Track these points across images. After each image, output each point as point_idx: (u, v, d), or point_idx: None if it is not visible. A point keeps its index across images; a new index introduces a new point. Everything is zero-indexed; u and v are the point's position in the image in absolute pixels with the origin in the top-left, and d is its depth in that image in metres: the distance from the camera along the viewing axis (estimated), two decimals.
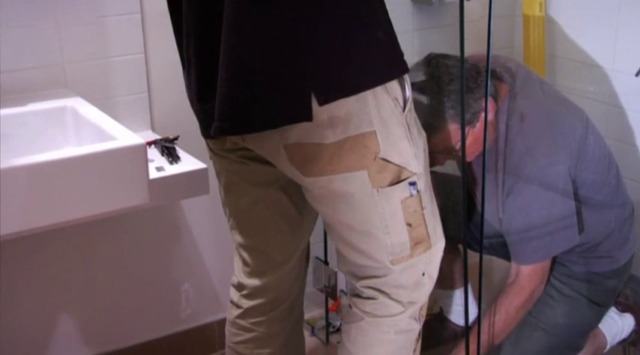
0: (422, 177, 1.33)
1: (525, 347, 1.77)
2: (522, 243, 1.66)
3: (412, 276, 1.37)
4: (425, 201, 1.34)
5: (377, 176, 1.28)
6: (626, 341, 1.98)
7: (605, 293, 1.84)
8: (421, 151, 1.33)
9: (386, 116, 1.26)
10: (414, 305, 1.39)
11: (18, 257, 1.88)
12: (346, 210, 1.32)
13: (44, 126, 1.69)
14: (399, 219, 1.32)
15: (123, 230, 1.98)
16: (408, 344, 1.42)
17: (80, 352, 2.02)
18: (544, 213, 1.64)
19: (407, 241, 1.33)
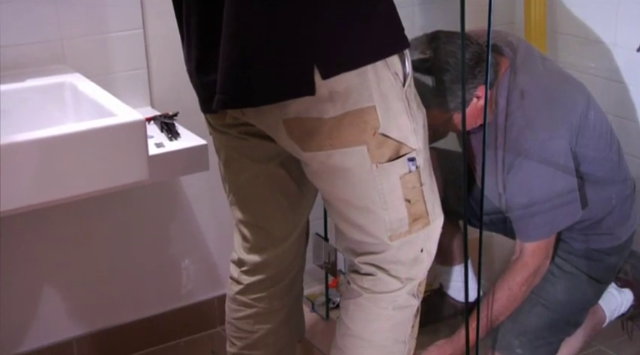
0: (421, 153, 1.32)
1: (525, 323, 1.77)
2: (525, 220, 1.66)
3: (410, 253, 1.37)
4: (424, 177, 1.34)
5: (376, 151, 1.28)
6: (625, 315, 1.99)
7: (606, 270, 1.84)
8: (420, 127, 1.33)
9: (386, 91, 1.26)
10: (412, 282, 1.40)
11: (17, 233, 1.88)
12: (345, 185, 1.32)
13: (43, 102, 1.69)
14: (398, 195, 1.32)
15: (122, 206, 1.98)
16: (406, 320, 1.43)
17: (80, 328, 2.03)
18: (546, 188, 1.64)
19: (405, 217, 1.33)
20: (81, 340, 2.02)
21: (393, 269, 1.38)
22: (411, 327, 1.44)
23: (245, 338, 1.59)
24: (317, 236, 1.99)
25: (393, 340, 1.42)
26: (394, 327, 1.42)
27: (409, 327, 1.43)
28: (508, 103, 1.64)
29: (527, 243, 1.68)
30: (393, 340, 1.42)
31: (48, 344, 1.99)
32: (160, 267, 2.09)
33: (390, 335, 1.42)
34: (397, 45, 1.28)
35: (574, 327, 1.83)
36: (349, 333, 1.44)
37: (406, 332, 1.43)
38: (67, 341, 2.01)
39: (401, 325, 1.43)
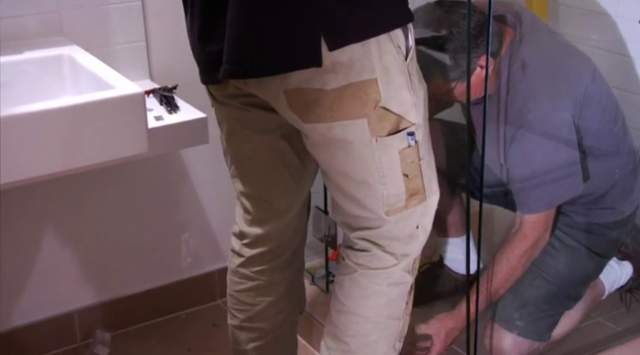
0: (421, 127, 1.32)
1: (525, 295, 1.78)
2: (526, 192, 1.66)
3: (406, 229, 1.37)
4: (422, 152, 1.33)
5: (377, 125, 1.28)
6: (624, 288, 2.00)
7: (608, 244, 1.84)
8: (421, 101, 1.32)
9: (388, 64, 1.25)
10: (407, 258, 1.40)
11: (17, 206, 1.88)
12: (344, 158, 1.32)
13: (41, 75, 1.68)
14: (397, 170, 1.32)
15: (122, 180, 1.98)
16: (400, 296, 1.43)
17: (81, 300, 2.03)
18: (547, 160, 1.63)
19: (403, 192, 1.33)
20: (82, 312, 2.03)
21: (388, 246, 1.38)
22: (405, 303, 1.44)
23: (246, 311, 1.59)
24: (317, 209, 1.99)
25: (387, 316, 1.43)
26: (389, 303, 1.42)
27: (403, 303, 1.44)
28: (512, 74, 1.63)
29: (527, 215, 1.68)
30: (387, 316, 1.43)
31: (49, 317, 2.00)
32: (160, 240, 2.10)
33: (385, 311, 1.43)
34: (402, 18, 1.27)
35: (574, 301, 1.84)
36: (344, 309, 1.44)
37: (400, 309, 1.44)
38: (68, 314, 2.02)
39: (395, 301, 1.43)
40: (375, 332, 1.43)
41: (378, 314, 1.42)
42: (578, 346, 1.86)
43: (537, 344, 1.79)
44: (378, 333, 1.43)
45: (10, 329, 1.95)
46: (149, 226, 2.06)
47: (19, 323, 1.97)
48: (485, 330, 1.79)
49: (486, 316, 1.85)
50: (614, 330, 1.94)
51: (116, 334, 2.06)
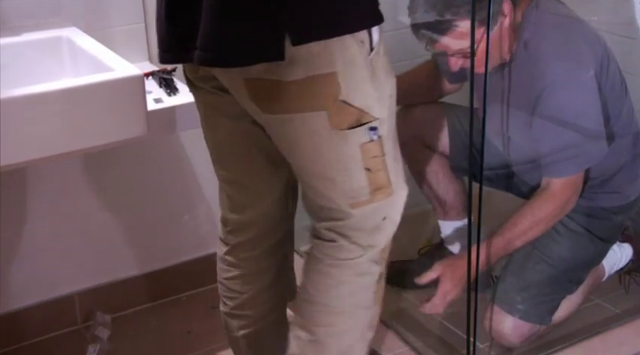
0: (385, 122, 1.30)
1: (527, 279, 1.78)
2: (554, 155, 1.63)
3: (372, 221, 1.36)
4: (387, 147, 1.32)
5: (336, 118, 1.26)
6: (623, 270, 2.00)
7: (611, 229, 1.84)
8: (387, 96, 1.30)
9: (349, 58, 1.23)
10: (373, 249, 1.38)
11: (16, 189, 1.88)
12: (304, 150, 1.31)
13: (40, 57, 1.67)
14: (358, 164, 1.30)
15: (122, 162, 1.98)
16: (368, 286, 1.41)
17: (81, 282, 2.04)
18: (575, 119, 1.61)
19: (366, 186, 1.32)
20: (82, 294, 2.04)
21: (354, 236, 1.37)
22: (373, 293, 1.42)
23: (235, 298, 1.59)
24: None
25: (355, 306, 1.42)
26: (356, 293, 1.41)
27: (371, 293, 1.42)
28: (532, 36, 1.61)
29: (555, 179, 1.66)
30: (354, 306, 1.42)
31: (49, 299, 2.00)
32: (161, 222, 2.10)
33: (352, 300, 1.41)
34: (370, 19, 1.26)
35: (576, 285, 1.84)
36: (311, 299, 1.43)
37: (368, 298, 1.42)
38: (68, 296, 2.02)
39: (363, 291, 1.41)
40: (343, 321, 1.42)
41: (345, 304, 1.41)
42: (577, 328, 1.87)
43: (538, 327, 1.79)
44: (346, 323, 1.42)
45: (10, 311, 1.96)
46: (149, 208, 2.06)
47: (20, 306, 1.97)
48: (485, 312, 1.80)
49: (485, 297, 1.86)
50: (613, 312, 1.95)
51: (116, 316, 2.06)
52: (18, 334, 1.97)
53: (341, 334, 1.43)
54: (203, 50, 1.25)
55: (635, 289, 2.02)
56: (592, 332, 1.85)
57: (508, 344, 1.79)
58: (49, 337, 2.00)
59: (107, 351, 1.93)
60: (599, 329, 1.86)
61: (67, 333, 2.02)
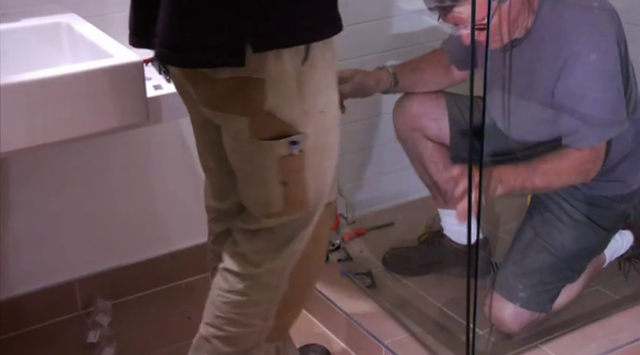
0: (310, 138, 1.27)
1: (530, 268, 1.78)
2: (576, 125, 1.62)
3: (282, 236, 1.35)
4: (308, 163, 1.29)
5: (257, 126, 1.25)
6: (623, 256, 2.00)
7: (614, 218, 1.84)
8: (316, 111, 1.27)
9: (280, 68, 1.21)
10: (280, 265, 1.38)
11: (16, 176, 1.88)
12: (230, 149, 1.32)
13: (39, 43, 1.66)
14: (274, 175, 1.29)
15: (122, 149, 1.98)
16: (267, 300, 1.40)
17: (82, 269, 2.04)
18: (598, 89, 1.60)
19: (280, 199, 1.30)
20: (82, 281, 2.04)
21: (258, 249, 1.37)
22: (269, 306, 1.41)
23: None
24: None
25: (246, 315, 1.41)
26: (249, 304, 1.41)
27: (267, 306, 1.41)
28: (551, 9, 1.60)
29: (580, 149, 1.63)
30: (245, 315, 1.41)
31: (50, 285, 2.01)
32: (161, 209, 2.10)
33: (244, 310, 1.41)
34: (331, 28, 1.24)
35: (577, 274, 1.84)
36: (210, 295, 1.44)
37: (264, 311, 1.41)
38: (68, 282, 2.03)
39: (259, 304, 1.41)
40: (231, 328, 1.42)
41: (238, 313, 1.41)
42: (576, 314, 1.88)
43: (538, 314, 1.80)
44: (235, 330, 1.42)
45: (11, 296, 1.96)
46: (150, 195, 2.06)
47: (21, 291, 1.97)
48: (485, 299, 1.80)
49: (486, 285, 1.86)
50: (613, 298, 1.96)
51: (117, 302, 2.07)
52: (19, 320, 1.98)
53: (229, 339, 1.42)
54: (164, 47, 1.25)
55: (635, 276, 2.02)
56: (591, 318, 1.85)
57: (508, 330, 1.80)
58: (50, 323, 2.01)
59: (108, 337, 1.94)
60: (599, 316, 1.86)
61: (68, 319, 2.03)
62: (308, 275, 1.45)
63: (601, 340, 1.79)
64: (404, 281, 2.05)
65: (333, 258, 2.10)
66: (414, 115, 1.94)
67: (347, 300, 1.94)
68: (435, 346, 1.77)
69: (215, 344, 1.43)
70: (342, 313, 1.91)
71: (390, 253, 2.10)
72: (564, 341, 1.79)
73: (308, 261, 1.41)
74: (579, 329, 1.82)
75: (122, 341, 1.93)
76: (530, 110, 1.71)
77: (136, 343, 1.93)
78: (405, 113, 1.95)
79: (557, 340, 1.79)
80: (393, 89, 1.91)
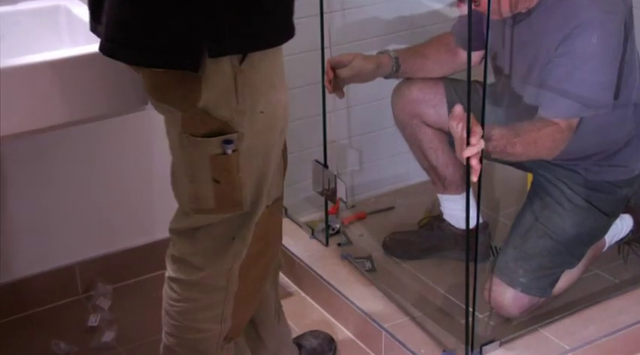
0: (245, 138, 1.26)
1: (530, 253, 1.78)
2: (555, 97, 1.61)
3: (217, 236, 1.34)
4: (243, 163, 1.28)
5: (190, 122, 1.24)
6: (623, 240, 2.01)
7: (616, 203, 1.83)
8: (255, 112, 1.26)
9: (217, 67, 1.20)
10: (221, 266, 1.37)
11: (15, 159, 1.88)
12: (168, 138, 1.32)
13: (37, 27, 1.65)
14: (206, 173, 1.28)
15: (121, 132, 1.97)
16: (215, 303, 1.40)
17: (82, 253, 2.04)
18: (596, 60, 1.59)
19: (211, 196, 1.29)
20: (83, 265, 2.04)
21: (199, 252, 1.36)
22: (222, 309, 1.41)
23: None
24: (316, 163, 1.99)
25: (201, 320, 1.41)
26: (201, 309, 1.40)
27: (221, 309, 1.40)
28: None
29: (551, 119, 1.61)
30: (200, 321, 1.41)
31: (50, 269, 2.01)
32: (161, 193, 2.09)
33: (198, 316, 1.40)
34: (284, 35, 1.24)
35: (577, 260, 1.84)
36: (165, 311, 1.44)
37: (219, 314, 1.41)
38: (69, 266, 2.03)
39: (210, 308, 1.40)
40: (190, 336, 1.42)
41: (191, 319, 1.40)
42: (576, 297, 1.88)
43: (537, 299, 1.80)
44: (195, 337, 1.41)
45: (12, 280, 1.97)
46: (150, 179, 2.06)
47: (21, 275, 1.98)
48: (485, 283, 1.80)
49: (486, 269, 1.86)
50: (612, 282, 1.96)
51: (117, 286, 2.07)
52: (20, 304, 1.98)
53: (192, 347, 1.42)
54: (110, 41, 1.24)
55: (634, 259, 2.02)
56: (591, 301, 1.86)
57: (507, 315, 1.80)
58: (50, 307, 2.01)
59: (108, 321, 1.95)
60: (598, 299, 1.87)
61: (69, 303, 2.03)
62: (259, 273, 1.44)
63: (600, 323, 1.79)
64: (404, 265, 2.05)
65: (333, 242, 2.10)
66: (413, 102, 1.93)
67: (347, 284, 1.94)
68: (435, 330, 1.77)
69: (179, 352, 1.44)
70: (341, 297, 1.91)
71: (390, 237, 2.11)
72: (564, 324, 1.79)
73: (258, 260, 1.40)
74: (579, 313, 1.82)
75: (123, 324, 1.94)
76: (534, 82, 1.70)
77: (136, 326, 1.94)
78: (403, 99, 1.95)
79: (557, 323, 1.79)
80: (394, 74, 1.90)
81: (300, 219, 2.20)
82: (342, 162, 2.27)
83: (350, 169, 2.32)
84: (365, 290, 1.92)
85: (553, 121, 1.61)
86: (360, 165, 2.36)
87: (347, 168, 2.30)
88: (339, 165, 2.12)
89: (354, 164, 2.35)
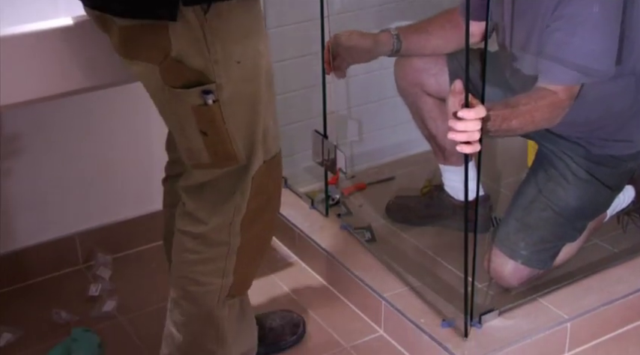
0: (225, 88, 1.26)
1: (532, 226, 1.77)
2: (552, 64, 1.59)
3: (217, 190, 1.36)
4: (228, 114, 1.28)
5: (167, 74, 1.25)
6: (623, 211, 2.01)
7: (620, 177, 1.82)
8: (231, 62, 1.25)
9: (186, 16, 1.20)
10: (222, 221, 1.38)
11: (19, 129, 1.87)
12: (153, 98, 1.32)
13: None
14: (192, 125, 1.29)
15: (121, 104, 1.97)
16: (218, 256, 1.42)
17: (82, 223, 2.05)
18: (596, 25, 1.57)
19: (203, 148, 1.30)
20: (83, 235, 2.05)
21: (204, 207, 1.37)
22: (224, 263, 1.43)
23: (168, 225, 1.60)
24: (316, 133, 1.99)
25: (202, 273, 1.43)
26: (203, 262, 1.42)
27: (223, 263, 1.42)
28: None
29: (551, 86, 1.59)
30: (201, 273, 1.43)
31: (50, 239, 2.01)
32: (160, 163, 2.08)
33: (199, 268, 1.43)
34: None
35: (579, 233, 1.84)
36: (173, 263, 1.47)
37: (220, 268, 1.43)
38: (69, 237, 2.03)
39: (212, 261, 1.42)
40: (192, 288, 1.44)
41: (194, 271, 1.43)
42: (575, 267, 1.89)
43: (537, 271, 1.80)
44: (196, 290, 1.44)
45: (13, 250, 1.97)
46: (150, 149, 2.05)
47: (22, 245, 1.98)
48: (485, 254, 1.81)
49: (485, 239, 1.87)
50: (611, 252, 1.97)
51: (117, 257, 2.08)
52: (20, 274, 1.99)
53: (193, 300, 1.44)
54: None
55: (633, 229, 2.02)
56: (590, 271, 1.86)
57: (507, 285, 1.81)
58: (51, 277, 2.02)
59: (109, 291, 1.96)
60: (597, 269, 1.87)
61: (69, 273, 2.04)
62: (262, 229, 1.45)
63: (599, 293, 1.80)
64: (403, 235, 2.06)
65: (333, 212, 2.10)
66: (414, 70, 1.92)
67: (346, 254, 1.95)
68: (434, 299, 1.78)
69: (183, 305, 1.46)
70: (341, 267, 1.92)
71: (393, 201, 2.11)
72: (563, 293, 1.80)
73: (258, 215, 1.42)
74: (577, 282, 1.83)
75: (123, 294, 1.95)
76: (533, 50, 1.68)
77: (136, 296, 1.95)
78: (405, 68, 1.93)
79: (556, 293, 1.80)
80: (396, 53, 1.88)
81: (300, 189, 2.20)
82: (342, 133, 2.27)
83: (350, 139, 2.32)
84: (364, 260, 1.93)
85: (551, 90, 1.60)
86: (360, 136, 2.35)
87: (347, 138, 2.30)
88: (338, 136, 2.11)
89: (354, 134, 2.34)
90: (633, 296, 1.80)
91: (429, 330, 1.70)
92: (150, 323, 1.84)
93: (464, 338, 1.67)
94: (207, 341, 1.48)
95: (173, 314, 1.49)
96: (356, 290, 1.88)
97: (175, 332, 1.49)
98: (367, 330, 1.83)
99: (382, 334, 1.82)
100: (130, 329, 1.85)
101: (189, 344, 1.48)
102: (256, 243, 1.46)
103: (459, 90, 1.47)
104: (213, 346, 1.49)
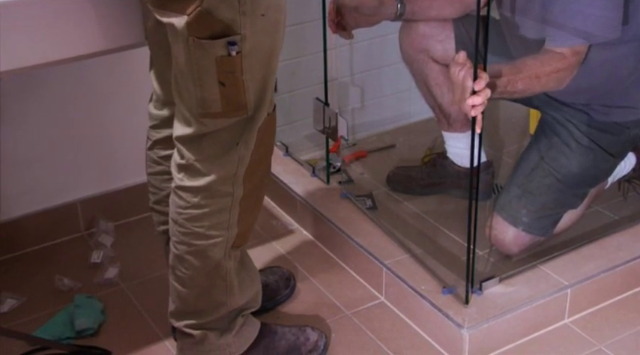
0: (248, 39, 1.28)
1: (534, 192, 1.77)
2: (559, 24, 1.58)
3: (221, 140, 1.37)
4: (247, 65, 1.30)
5: (195, 25, 1.26)
6: (624, 177, 2.01)
7: (623, 144, 1.81)
8: (256, 14, 1.27)
9: None
10: (224, 172, 1.39)
11: (16, 95, 1.86)
12: (173, 48, 1.32)
13: None
14: (212, 76, 1.30)
15: (119, 69, 1.95)
16: (223, 208, 1.43)
17: (83, 190, 2.05)
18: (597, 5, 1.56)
19: (218, 99, 1.32)
20: (84, 202, 2.05)
21: (206, 158, 1.37)
22: (229, 215, 1.44)
23: (155, 194, 1.62)
24: (317, 100, 1.98)
25: (208, 227, 1.43)
26: (209, 215, 1.42)
27: (227, 215, 1.43)
28: None
29: (558, 48, 1.59)
30: (207, 227, 1.43)
31: (51, 207, 2.02)
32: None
33: (205, 222, 1.43)
34: None
35: (580, 200, 1.84)
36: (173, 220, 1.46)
37: (225, 220, 1.44)
38: (71, 204, 2.04)
39: (217, 214, 1.43)
40: (198, 242, 1.44)
41: (198, 225, 1.43)
42: (576, 234, 1.89)
43: (539, 238, 1.81)
44: (203, 243, 1.44)
45: (13, 218, 1.98)
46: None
47: (23, 212, 1.99)
48: (487, 221, 1.81)
49: (486, 206, 1.87)
50: (612, 219, 1.97)
51: (119, 224, 2.08)
52: (22, 241, 2.00)
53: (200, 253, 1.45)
54: None
55: (634, 196, 2.03)
56: (590, 238, 1.87)
57: (507, 252, 1.82)
58: (53, 243, 2.03)
59: (111, 258, 1.96)
60: (598, 236, 1.88)
61: (71, 240, 2.05)
62: (259, 181, 1.47)
63: (599, 259, 1.81)
64: (405, 202, 2.06)
65: (334, 180, 2.10)
66: (420, 36, 1.90)
67: (348, 222, 1.95)
68: (435, 266, 1.79)
69: (189, 260, 1.47)
70: (342, 234, 1.92)
71: (393, 171, 2.11)
72: (563, 260, 1.81)
73: (257, 166, 1.44)
74: (578, 249, 1.84)
75: (125, 261, 1.96)
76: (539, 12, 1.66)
77: (138, 263, 1.95)
78: (411, 34, 1.92)
79: (556, 259, 1.81)
80: (399, 16, 1.87)
81: (301, 157, 2.20)
82: (344, 100, 2.26)
83: (351, 107, 2.31)
84: (366, 227, 1.93)
85: (558, 52, 1.59)
86: (362, 103, 2.34)
87: (348, 105, 2.29)
88: (340, 103, 2.10)
89: (356, 102, 2.33)
90: (633, 262, 1.81)
91: (430, 297, 1.71)
92: (152, 289, 1.85)
93: (465, 304, 1.68)
94: (216, 292, 1.50)
95: (177, 270, 1.49)
96: (357, 258, 1.89)
97: (181, 288, 1.50)
98: (368, 297, 1.84)
99: (383, 301, 1.83)
100: (133, 295, 1.86)
101: (198, 297, 1.50)
102: (256, 193, 1.48)
103: (462, 61, 1.46)
104: (223, 297, 1.51)
